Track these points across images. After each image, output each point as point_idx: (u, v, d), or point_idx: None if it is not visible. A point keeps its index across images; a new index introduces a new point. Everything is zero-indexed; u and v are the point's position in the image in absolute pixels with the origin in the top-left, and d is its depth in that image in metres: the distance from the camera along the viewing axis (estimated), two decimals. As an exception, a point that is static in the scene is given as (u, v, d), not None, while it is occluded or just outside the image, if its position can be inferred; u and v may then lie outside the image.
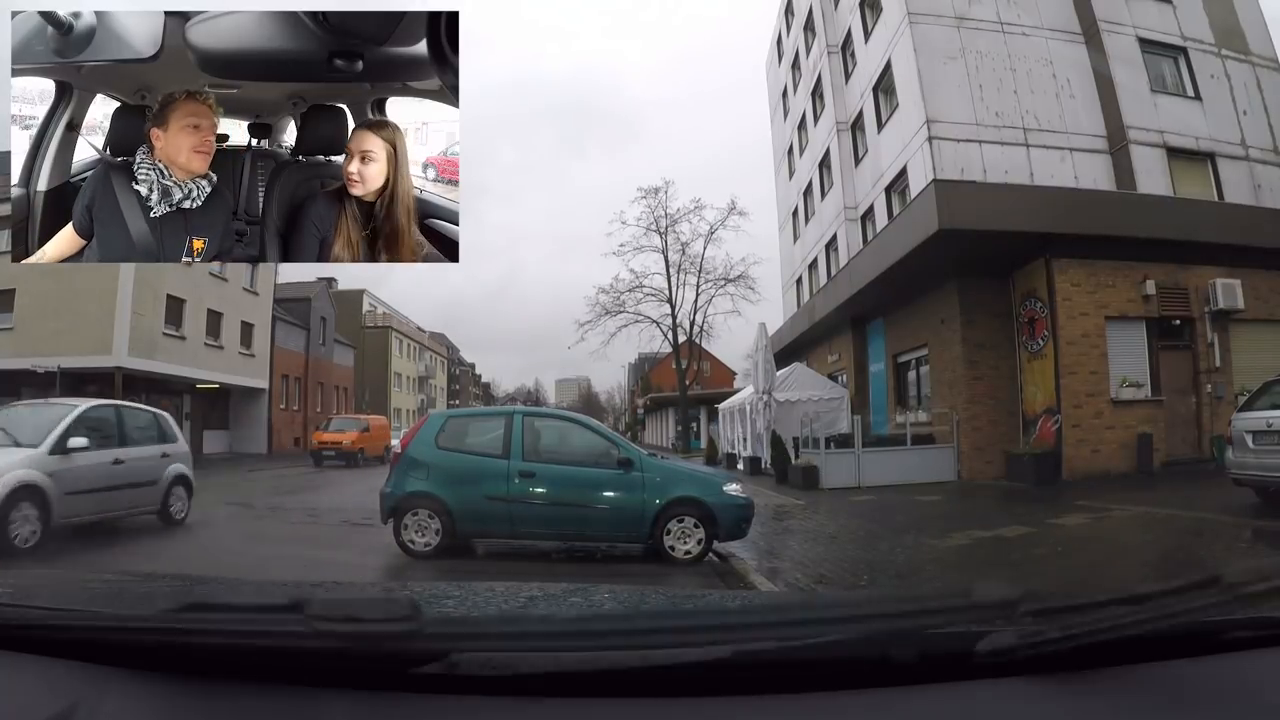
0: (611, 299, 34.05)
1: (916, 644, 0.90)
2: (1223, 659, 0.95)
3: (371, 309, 55.39)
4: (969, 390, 13.83)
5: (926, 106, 14.88)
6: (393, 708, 0.88)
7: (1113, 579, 5.61)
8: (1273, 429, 7.45)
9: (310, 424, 31.51)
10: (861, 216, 19.86)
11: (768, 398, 16.50)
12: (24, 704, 0.89)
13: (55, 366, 18.78)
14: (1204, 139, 14.92)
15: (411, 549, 6.79)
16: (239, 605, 1.11)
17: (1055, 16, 15.27)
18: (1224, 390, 12.34)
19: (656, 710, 0.88)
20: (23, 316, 20.62)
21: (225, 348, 26.71)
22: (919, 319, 15.79)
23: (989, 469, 13.20)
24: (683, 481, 7.04)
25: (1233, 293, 12.33)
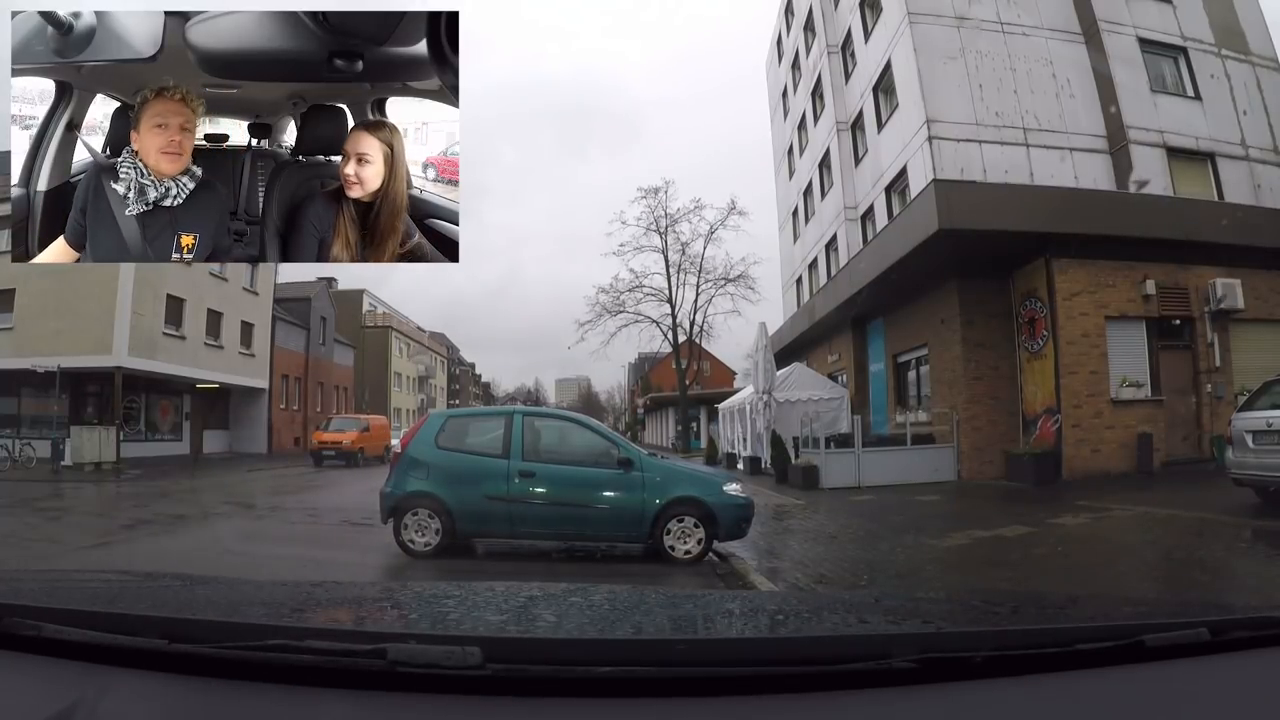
0: (611, 299, 34.06)
1: (916, 644, 0.90)
2: (1223, 659, 0.95)
3: (371, 309, 55.38)
4: (969, 390, 13.82)
5: (926, 106, 14.88)
6: (392, 708, 0.88)
7: (1113, 579, 5.61)
8: (1273, 429, 7.45)
9: (310, 424, 31.51)
10: (861, 216, 19.86)
11: (768, 398, 16.50)
12: (24, 704, 0.89)
13: (55, 366, 18.77)
14: (1204, 139, 14.92)
15: (411, 549, 6.79)
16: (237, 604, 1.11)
17: (1055, 16, 15.27)
18: (1224, 390, 12.34)
19: (656, 710, 0.88)
20: (23, 316, 20.61)
21: (225, 348, 26.71)
22: (919, 319, 15.79)
23: (989, 469, 13.19)
24: (683, 481, 7.03)
25: (1233, 293, 12.33)
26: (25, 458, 18.10)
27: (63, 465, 18.44)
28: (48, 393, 19.60)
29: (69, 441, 19.05)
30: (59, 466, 18.26)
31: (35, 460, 18.30)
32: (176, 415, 26.41)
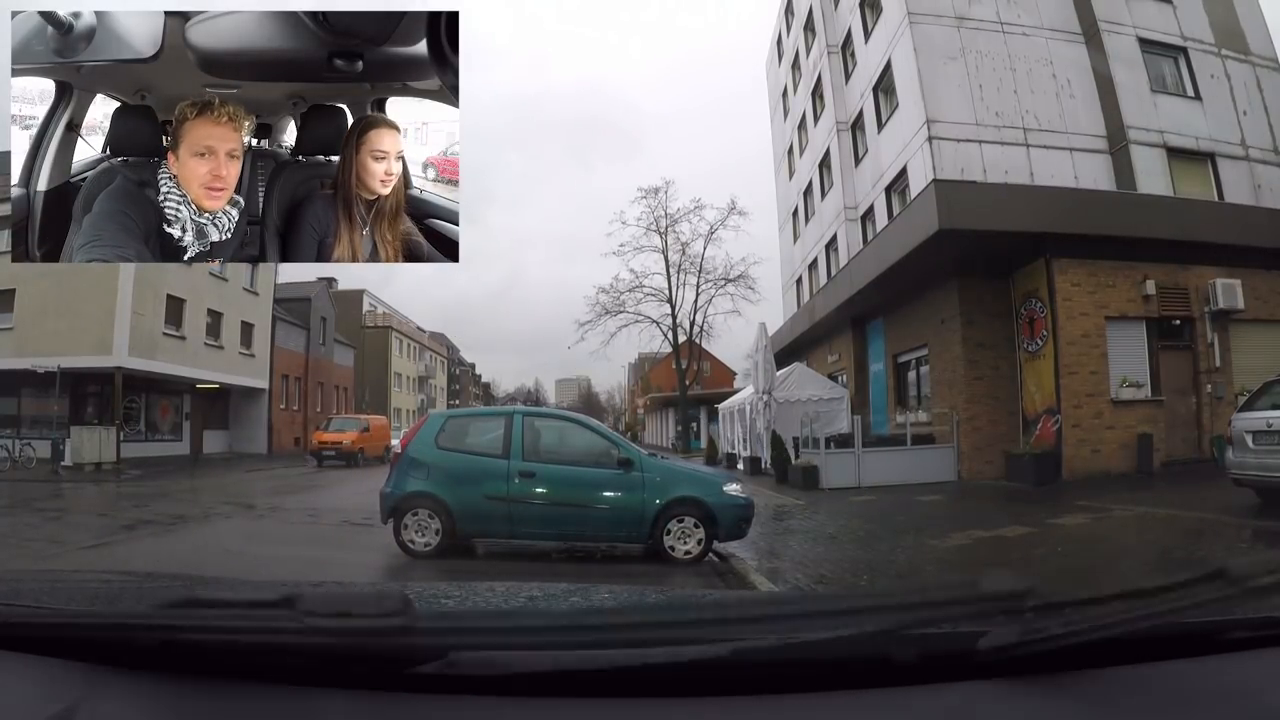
0: (611, 299, 34.08)
1: (916, 644, 0.90)
2: (1223, 659, 0.95)
3: (371, 309, 55.37)
4: (969, 390, 13.82)
5: (926, 106, 14.88)
6: (391, 708, 0.88)
7: (1113, 579, 5.61)
8: (1273, 429, 7.45)
9: (310, 424, 31.52)
10: (861, 216, 19.86)
11: (768, 398, 16.50)
12: (24, 704, 0.89)
13: (55, 366, 18.77)
14: (1204, 139, 14.91)
15: (411, 549, 6.79)
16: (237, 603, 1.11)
17: (1055, 16, 15.27)
18: (1224, 390, 12.34)
19: (656, 710, 0.88)
20: (23, 316, 20.62)
21: (225, 348, 26.71)
22: (919, 319, 15.78)
23: (989, 469, 13.19)
24: (683, 481, 7.03)
25: (1233, 293, 12.33)
26: (25, 458, 18.10)
27: (63, 465, 18.44)
28: (48, 393, 19.60)
29: (69, 442, 19.05)
30: (59, 467, 18.26)
31: (35, 460, 18.30)
32: (176, 415, 26.41)
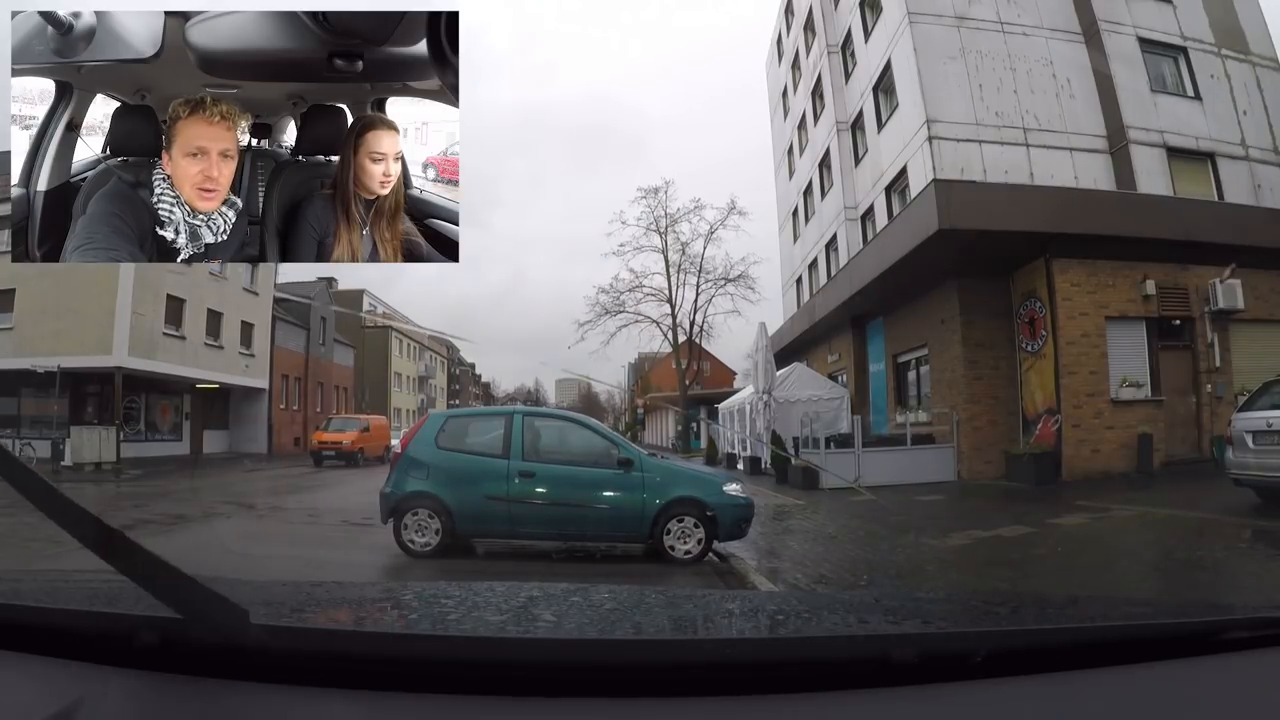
0: (611, 299, 34.07)
1: (916, 644, 0.90)
2: (1223, 659, 0.95)
3: (371, 309, 55.35)
4: (969, 390, 13.82)
5: (926, 106, 14.88)
6: (391, 708, 0.88)
7: (1113, 579, 5.61)
8: (1273, 429, 7.46)
9: (310, 424, 31.51)
10: (861, 216, 19.86)
11: (768, 398, 16.50)
12: (24, 704, 0.89)
13: (55, 366, 18.78)
14: (1204, 139, 14.92)
15: (411, 549, 6.79)
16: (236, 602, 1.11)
17: (1055, 16, 15.27)
18: (1224, 390, 12.34)
19: (656, 710, 0.88)
20: (23, 316, 20.62)
21: (225, 348, 26.71)
22: (919, 319, 15.79)
23: (989, 469, 13.19)
24: (683, 481, 7.03)
25: (1233, 293, 12.33)
26: (25, 458, 18.00)
27: (63, 465, 18.45)
28: (48, 393, 19.63)
29: (69, 442, 19.07)
30: (59, 467, 18.27)
31: (35, 460, 18.27)
32: (176, 415, 26.42)
